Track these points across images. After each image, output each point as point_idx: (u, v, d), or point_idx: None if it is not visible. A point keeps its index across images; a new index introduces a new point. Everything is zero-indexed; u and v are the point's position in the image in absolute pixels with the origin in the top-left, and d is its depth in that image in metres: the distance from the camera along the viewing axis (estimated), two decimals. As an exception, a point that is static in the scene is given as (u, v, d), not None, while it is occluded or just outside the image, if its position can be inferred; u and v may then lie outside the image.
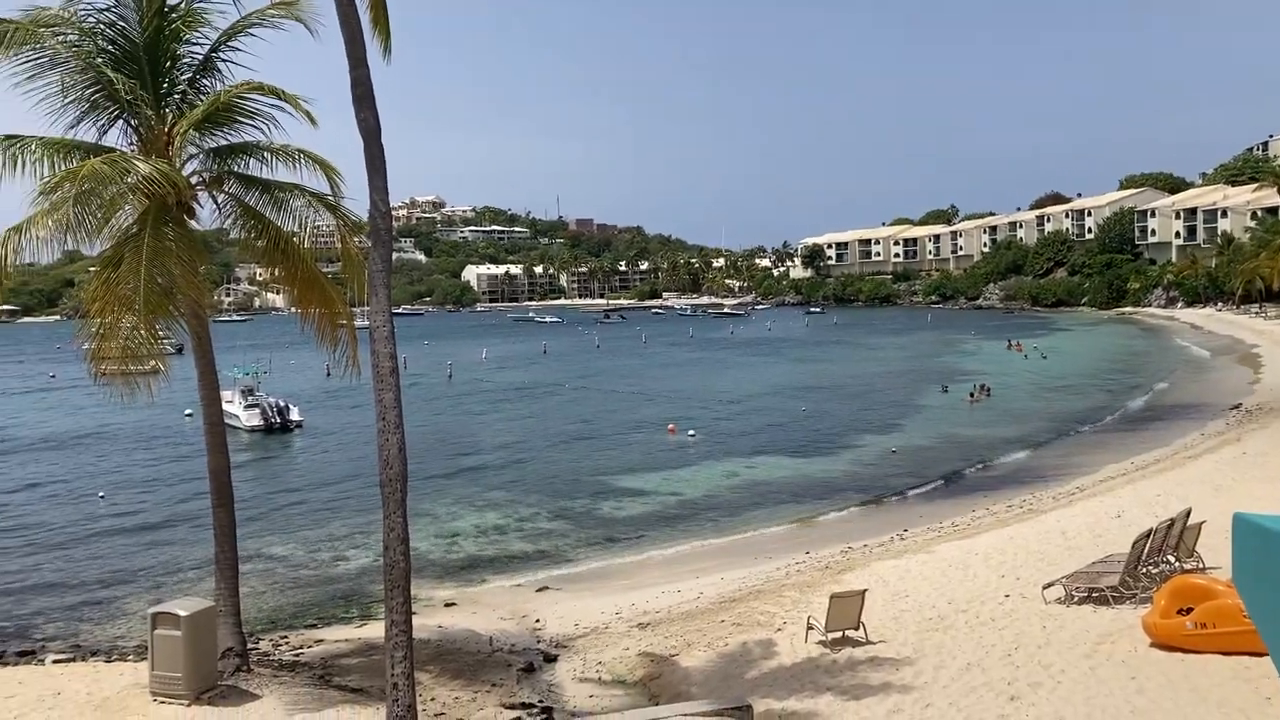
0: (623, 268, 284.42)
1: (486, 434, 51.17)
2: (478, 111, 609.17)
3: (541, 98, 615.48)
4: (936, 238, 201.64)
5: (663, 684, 16.73)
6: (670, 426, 49.66)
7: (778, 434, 48.40)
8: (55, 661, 18.74)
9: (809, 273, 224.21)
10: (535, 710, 15.76)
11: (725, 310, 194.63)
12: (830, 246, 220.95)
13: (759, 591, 22.08)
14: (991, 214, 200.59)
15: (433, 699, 15.89)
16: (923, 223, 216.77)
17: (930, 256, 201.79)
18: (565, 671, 17.89)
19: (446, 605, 22.82)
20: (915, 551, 24.35)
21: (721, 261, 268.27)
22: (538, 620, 21.38)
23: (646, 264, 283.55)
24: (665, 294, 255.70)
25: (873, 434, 47.31)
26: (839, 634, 17.33)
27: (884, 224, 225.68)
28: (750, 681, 16.16)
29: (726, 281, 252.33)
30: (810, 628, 17.79)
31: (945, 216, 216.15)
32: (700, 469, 39.92)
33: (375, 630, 19.41)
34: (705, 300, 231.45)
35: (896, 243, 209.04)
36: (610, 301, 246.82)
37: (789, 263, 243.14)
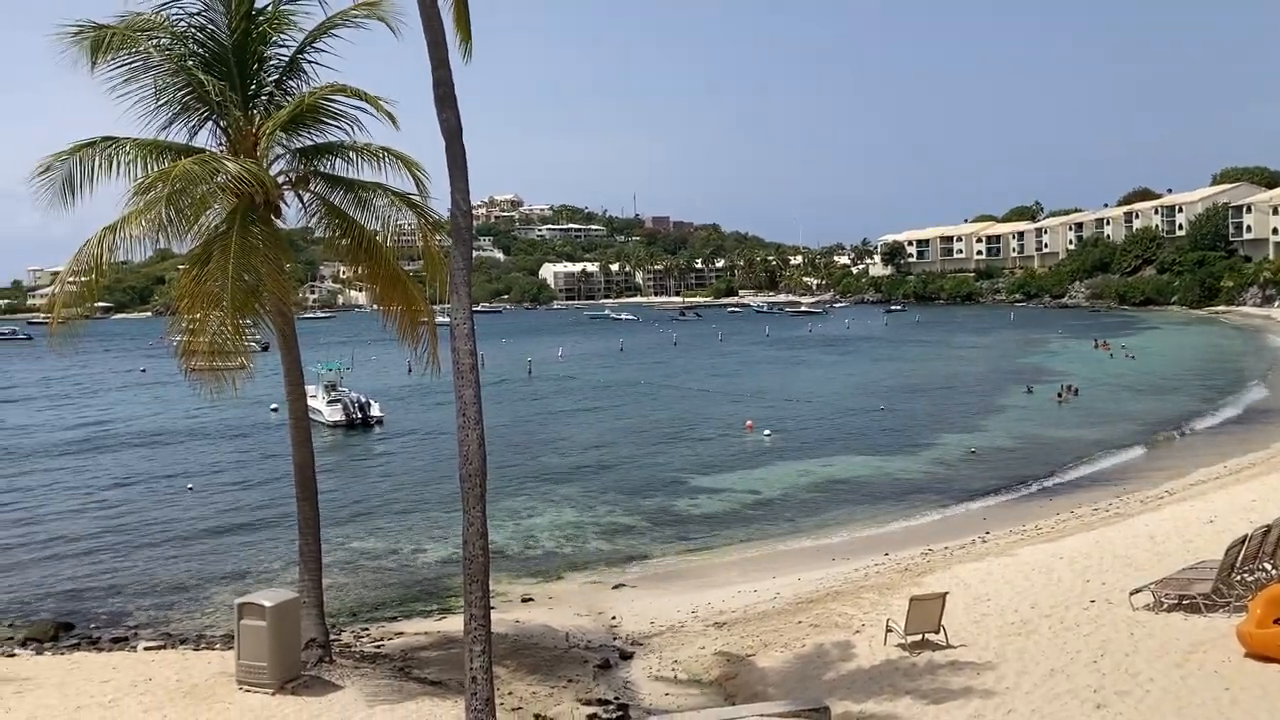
0: (699, 265, 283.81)
1: (563, 431, 51.47)
2: (556, 110, 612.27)
3: (618, 95, 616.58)
4: (1020, 235, 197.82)
5: (739, 684, 16.66)
6: (748, 423, 49.47)
7: (856, 433, 47.90)
8: (146, 648, 19.33)
9: (889, 270, 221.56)
10: (611, 707, 15.79)
11: (803, 308, 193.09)
12: (911, 244, 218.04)
13: (836, 593, 21.86)
14: (1077, 210, 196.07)
15: (510, 693, 16.02)
16: (1006, 219, 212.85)
17: (1014, 254, 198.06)
18: (641, 669, 17.91)
19: (524, 600, 23.01)
20: (997, 554, 23.89)
21: (799, 259, 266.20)
22: (614, 617, 21.44)
23: (723, 261, 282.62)
24: (742, 292, 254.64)
25: (953, 434, 46.54)
26: (918, 637, 17.07)
27: (966, 220, 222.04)
28: (827, 683, 16.00)
29: (804, 279, 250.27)
30: (889, 630, 17.56)
31: (1029, 213, 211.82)
32: (777, 468, 39.66)
33: (454, 624, 19.68)
34: (782, 298, 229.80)
35: (979, 240, 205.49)
36: (686, 299, 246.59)
37: (868, 260, 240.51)
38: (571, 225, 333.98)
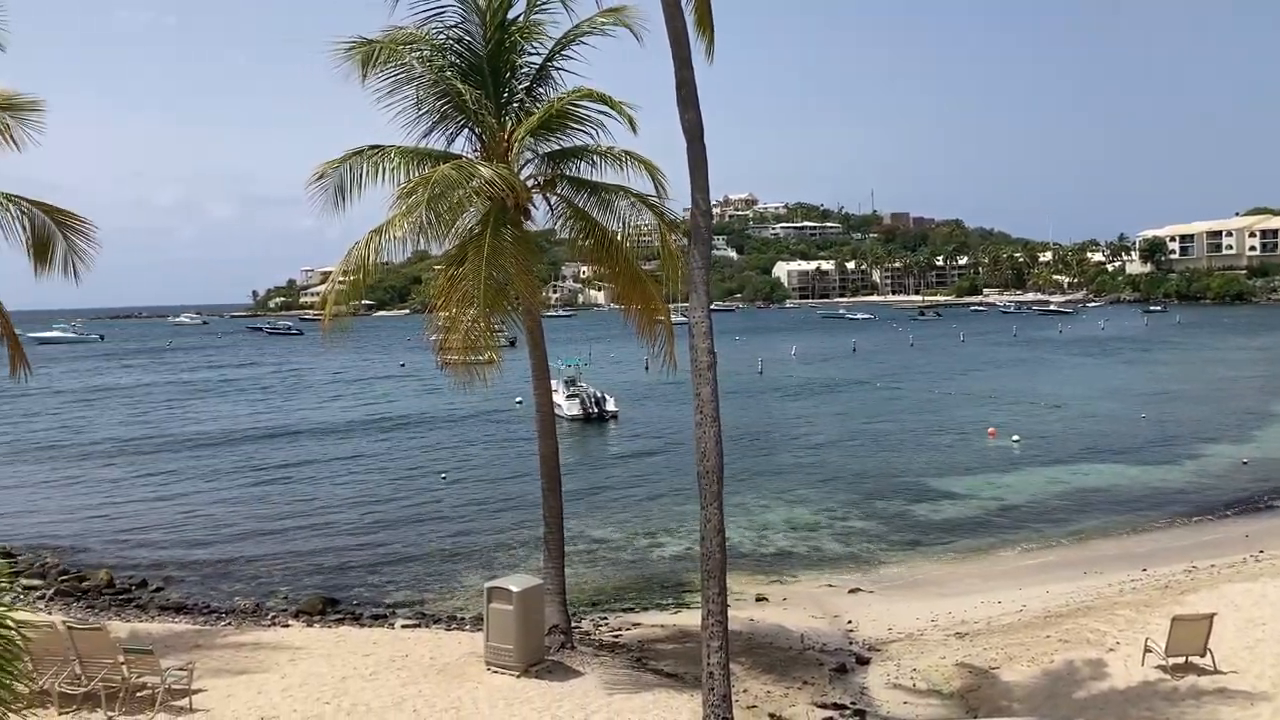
0: (940, 263, 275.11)
1: (796, 431, 51.09)
2: (791, 107, 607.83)
3: (856, 91, 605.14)
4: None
5: (981, 697, 16.03)
6: (990, 430, 47.49)
7: (1110, 440, 45.09)
8: (404, 626, 20.59)
9: (1148, 267, 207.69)
10: (848, 712, 15.55)
11: (1052, 308, 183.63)
12: (1173, 239, 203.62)
13: (1088, 608, 20.67)
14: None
15: (745, 690, 16.05)
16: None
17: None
18: (878, 675, 17.53)
19: (758, 600, 22.99)
20: (1273, 575, 21.89)
21: (1048, 256, 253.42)
22: (849, 621, 21.09)
23: (966, 259, 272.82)
24: (986, 290, 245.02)
25: (1221, 444, 43.05)
26: (1181, 659, 15.89)
27: (1237, 214, 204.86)
28: (1078, 702, 15.16)
29: (1054, 277, 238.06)
30: (1148, 650, 16.45)
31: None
32: (1023, 474, 37.89)
33: (689, 618, 19.89)
34: (1030, 297, 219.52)
35: (1252, 234, 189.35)
36: (926, 298, 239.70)
37: (1125, 257, 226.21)
38: (807, 223, 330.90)
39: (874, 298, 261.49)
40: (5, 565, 12.82)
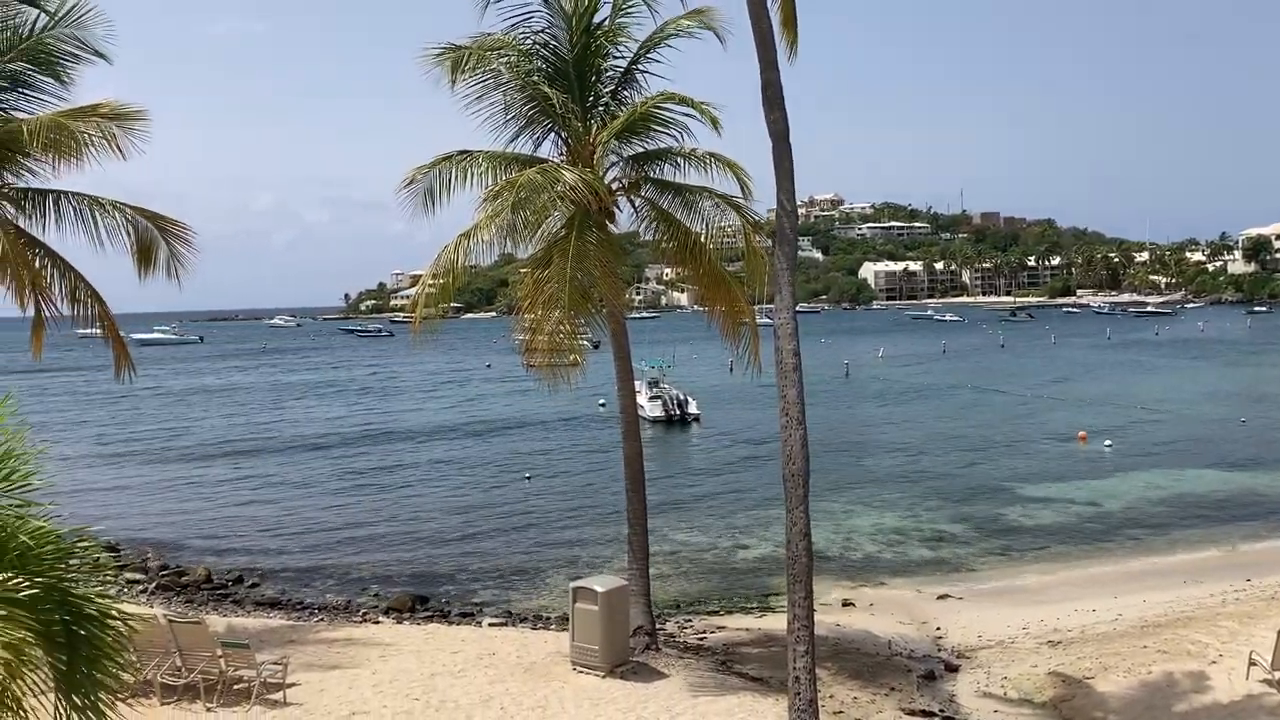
0: (1031, 263, 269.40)
1: (883, 434, 50.45)
2: (878, 107, 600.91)
3: (946, 89, 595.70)
4: None
5: (1075, 707, 15.65)
6: (1081, 434, 46.30)
7: (1211, 446, 43.61)
8: (491, 624, 20.84)
9: (1252, 267, 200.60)
10: (937, 719, 15.31)
11: (1149, 309, 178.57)
12: (1279, 237, 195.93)
13: (1188, 618, 20.03)
14: None
15: (831, 696, 15.90)
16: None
17: None
18: (967, 683, 17.23)
19: (843, 604, 22.75)
20: (1388, 588, 20.98)
21: (1145, 255, 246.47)
22: (938, 628, 20.76)
23: (1058, 259, 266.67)
24: (1079, 291, 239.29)
25: (1332, 450, 41.36)
26: (1289, 674, 15.32)
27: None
28: (1178, 715, 14.72)
29: (1151, 277, 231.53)
30: (1252, 664, 15.88)
31: None
32: (1118, 480, 36.85)
33: (774, 622, 19.78)
34: (1125, 298, 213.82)
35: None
36: (1017, 299, 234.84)
37: (1226, 256, 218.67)
38: (894, 223, 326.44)
39: (963, 299, 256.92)
40: (110, 560, 13.31)
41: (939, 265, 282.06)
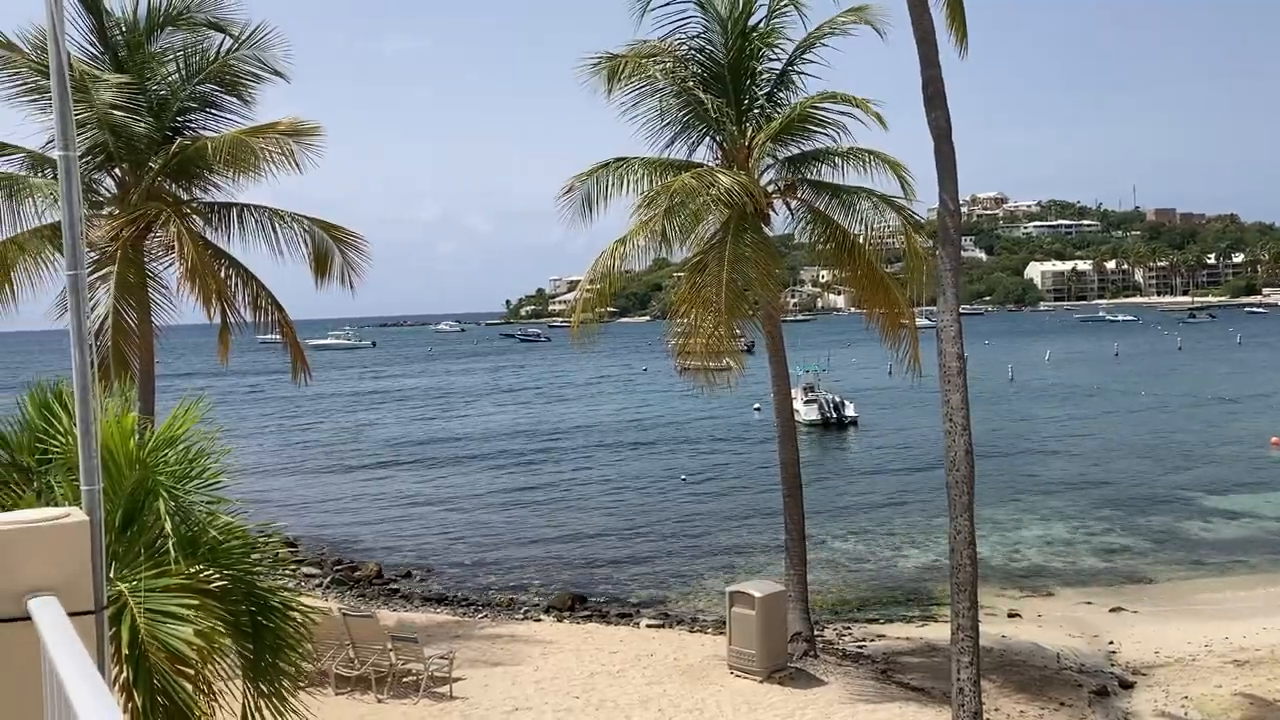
0: (1211, 260, 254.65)
1: (1051, 439, 48.59)
2: (1044, 102, 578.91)
3: (1115, 83, 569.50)
4: None
5: (1266, 732, 14.73)
6: (1275, 439, 43.50)
7: None
8: (648, 625, 21.01)
9: None
10: (1110, 738, 14.68)
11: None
12: None
13: (1394, 641, 18.58)
14: None
15: (996, 709, 15.42)
16: None
17: None
18: (1144, 701, 16.43)
19: (1009, 615, 22.00)
20: None
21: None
22: (1111, 642, 19.86)
23: (1241, 256, 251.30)
24: (1266, 290, 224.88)
25: None
26: None
27: None
28: (1383, 746, 13.67)
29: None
30: None
31: None
32: (1313, 491, 34.49)
33: (936, 631, 19.31)
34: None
35: None
36: (1195, 298, 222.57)
37: None
38: (1061, 221, 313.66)
39: (1137, 299, 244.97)
40: (289, 555, 14.02)
41: (1110, 264, 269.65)
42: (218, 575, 7.46)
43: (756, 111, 18.20)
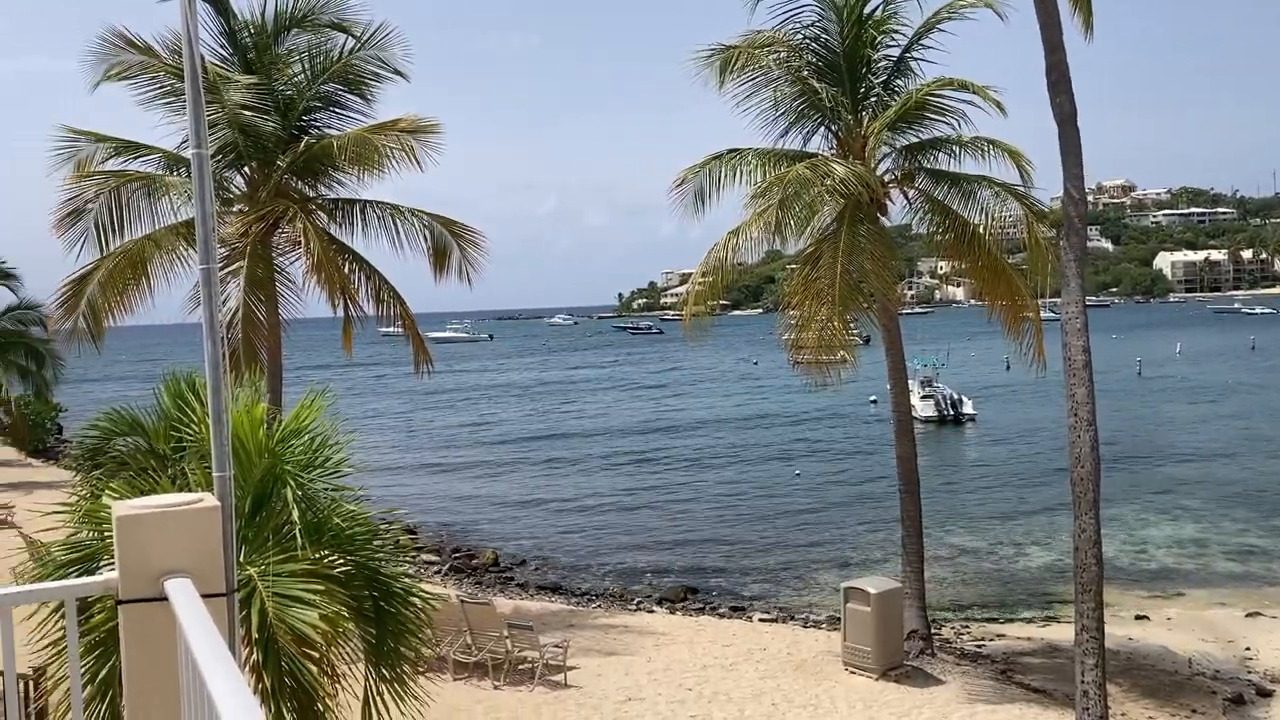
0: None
1: (1181, 436, 46.66)
2: (1174, 85, 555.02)
3: (1253, 63, 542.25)
4: None
5: None
6: None
7: None
8: (760, 620, 20.93)
9: None
10: (1246, 748, 14.05)
11: None
12: None
13: None
14: None
15: (1123, 714, 14.90)
16: None
17: None
18: (1284, 711, 15.68)
19: (1138, 618, 21.22)
20: None
21: None
22: (1247, 648, 19.00)
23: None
24: None
25: None
26: None
27: None
28: None
29: None
30: None
31: None
32: None
33: (1058, 632, 18.78)
34: None
35: None
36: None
37: None
38: (1193, 209, 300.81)
39: (1276, 290, 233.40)
40: (409, 542, 14.37)
41: (1247, 254, 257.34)
42: (341, 561, 7.68)
43: (873, 100, 17.89)
